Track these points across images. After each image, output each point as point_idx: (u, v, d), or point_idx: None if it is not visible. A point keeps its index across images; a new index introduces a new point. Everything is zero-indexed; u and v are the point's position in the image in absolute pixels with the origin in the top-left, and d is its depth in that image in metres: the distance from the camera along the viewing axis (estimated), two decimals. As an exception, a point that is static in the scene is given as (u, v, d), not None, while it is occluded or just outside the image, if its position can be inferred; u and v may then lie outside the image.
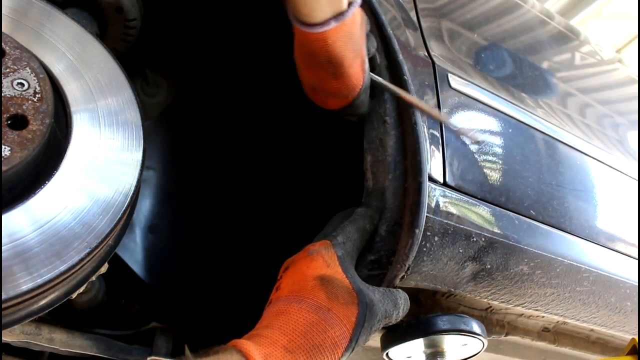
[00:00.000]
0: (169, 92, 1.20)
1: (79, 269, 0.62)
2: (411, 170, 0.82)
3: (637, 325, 1.24)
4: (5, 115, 0.58)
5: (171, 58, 1.21)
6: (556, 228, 1.04)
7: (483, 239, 0.90)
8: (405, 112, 0.85)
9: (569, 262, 1.03)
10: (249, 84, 1.27)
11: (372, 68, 0.86)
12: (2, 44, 0.61)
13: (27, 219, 0.59)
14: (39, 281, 0.57)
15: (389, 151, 0.84)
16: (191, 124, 1.27)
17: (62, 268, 0.59)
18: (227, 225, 1.32)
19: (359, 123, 0.88)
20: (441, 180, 0.87)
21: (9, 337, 0.80)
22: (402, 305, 0.77)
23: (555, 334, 1.23)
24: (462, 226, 0.88)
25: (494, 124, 1.04)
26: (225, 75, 1.27)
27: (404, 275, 0.83)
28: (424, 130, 0.85)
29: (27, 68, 0.62)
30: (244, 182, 1.33)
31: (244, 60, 1.24)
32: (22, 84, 0.61)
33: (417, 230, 0.80)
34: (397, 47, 0.88)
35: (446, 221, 0.86)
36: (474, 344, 0.96)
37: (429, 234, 0.83)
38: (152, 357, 1.08)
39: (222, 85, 1.27)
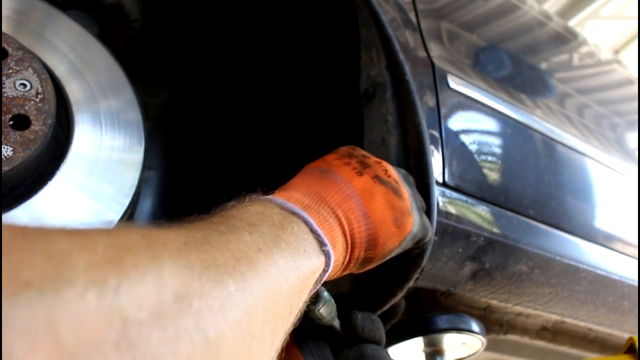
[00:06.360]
0: (170, 92, 1.20)
1: (81, 268, 0.62)
2: (416, 171, 0.81)
3: (634, 324, 1.24)
4: (7, 116, 0.58)
5: (172, 59, 1.21)
6: (555, 227, 1.04)
7: (482, 239, 0.91)
8: (407, 112, 0.85)
9: (567, 261, 1.04)
10: (249, 84, 1.27)
11: None
12: (5, 45, 0.61)
13: (28, 219, 0.59)
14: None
15: (392, 150, 0.82)
16: (192, 124, 1.27)
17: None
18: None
19: (358, 124, 0.89)
20: (440, 180, 0.88)
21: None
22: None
23: (554, 332, 1.24)
24: (461, 226, 0.88)
25: (493, 124, 1.04)
26: (226, 75, 1.27)
27: (417, 277, 0.82)
28: (427, 131, 0.85)
29: (30, 69, 0.62)
30: (244, 182, 1.33)
31: (244, 60, 1.25)
32: (25, 85, 0.61)
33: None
34: (397, 47, 0.87)
35: (445, 221, 0.86)
36: (473, 343, 0.97)
37: (428, 233, 0.83)
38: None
39: (223, 85, 1.27)
